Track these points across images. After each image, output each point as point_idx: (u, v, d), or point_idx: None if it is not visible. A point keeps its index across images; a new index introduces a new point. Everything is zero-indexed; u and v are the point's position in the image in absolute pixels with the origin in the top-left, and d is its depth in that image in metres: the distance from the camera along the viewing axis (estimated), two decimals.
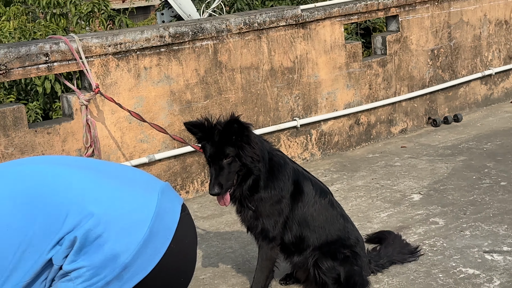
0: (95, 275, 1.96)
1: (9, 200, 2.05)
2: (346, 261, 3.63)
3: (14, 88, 7.60)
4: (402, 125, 6.73)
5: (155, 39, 5.02)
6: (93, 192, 2.12)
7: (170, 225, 2.13)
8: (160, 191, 2.23)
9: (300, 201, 3.65)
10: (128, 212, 2.08)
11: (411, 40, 6.64)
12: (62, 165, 2.32)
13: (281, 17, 5.66)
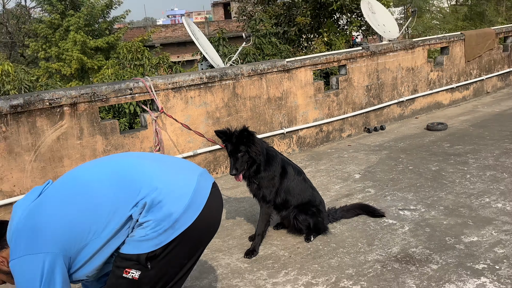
0: (157, 225, 2.03)
1: (107, 180, 2.13)
2: (313, 215, 3.79)
3: (111, 110, 7.74)
4: (348, 132, 6.84)
5: (197, 80, 5.14)
6: (157, 175, 2.16)
7: (203, 196, 2.18)
8: (199, 174, 2.26)
9: (285, 178, 3.77)
10: (179, 188, 2.14)
11: (354, 79, 6.76)
12: (138, 158, 2.38)
13: (274, 66, 5.79)
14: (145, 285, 2.07)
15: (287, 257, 3.50)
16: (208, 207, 2.17)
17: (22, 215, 2.06)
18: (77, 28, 19.10)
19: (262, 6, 14.71)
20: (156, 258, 2.05)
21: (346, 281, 3.12)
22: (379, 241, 3.63)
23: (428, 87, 7.92)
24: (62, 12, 19.79)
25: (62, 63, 18.97)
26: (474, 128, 6.82)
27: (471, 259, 3.26)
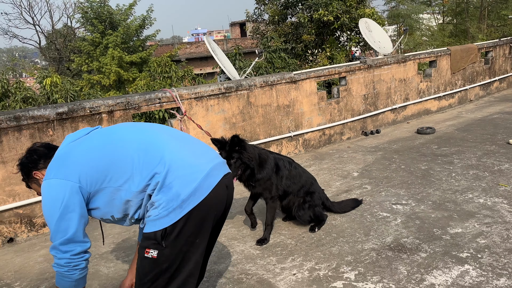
0: (167, 204, 1.93)
1: (137, 144, 2.04)
2: (311, 207, 3.70)
3: (143, 116, 7.77)
4: (348, 135, 6.77)
5: (216, 90, 5.13)
6: (176, 156, 2.03)
7: (211, 183, 2.03)
8: (215, 163, 2.11)
9: (280, 172, 3.64)
10: (190, 172, 1.99)
11: (353, 89, 6.69)
12: (168, 135, 2.15)
13: (283, 78, 5.76)
14: (163, 263, 1.98)
15: (293, 245, 3.46)
16: (214, 193, 2.03)
17: (64, 147, 2.08)
18: (115, 45, 19.27)
19: (273, 26, 14.68)
20: (169, 237, 1.95)
21: (345, 267, 3.07)
22: (374, 232, 3.57)
23: (418, 96, 7.80)
24: (102, 32, 19.99)
25: (102, 75, 19.15)
26: (458, 132, 6.70)
27: (456, 248, 3.19)
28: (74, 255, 1.95)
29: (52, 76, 11.31)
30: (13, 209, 3.92)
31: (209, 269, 3.18)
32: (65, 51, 25.61)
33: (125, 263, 3.38)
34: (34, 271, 3.38)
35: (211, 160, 2.13)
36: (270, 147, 5.76)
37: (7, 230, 3.91)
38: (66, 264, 1.95)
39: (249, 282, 2.98)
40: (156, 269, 1.99)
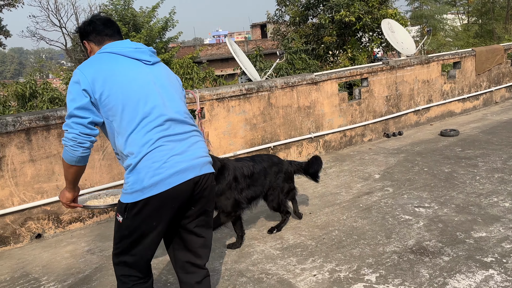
0: (132, 185, 2.02)
1: (147, 115, 2.08)
2: (275, 198, 3.68)
3: None
4: (369, 137, 6.70)
5: (237, 91, 5.16)
6: (159, 143, 2.05)
7: (176, 181, 2.04)
8: (191, 164, 2.09)
9: (238, 181, 3.42)
10: (159, 167, 2.02)
11: (374, 91, 6.62)
12: (168, 119, 2.12)
13: (304, 79, 5.76)
14: (125, 230, 2.10)
15: (314, 246, 3.45)
16: (175, 189, 2.03)
17: (105, 50, 2.18)
18: None
19: (294, 27, 14.66)
20: (130, 212, 2.05)
21: (366, 269, 3.05)
22: (396, 235, 3.53)
23: (442, 97, 7.66)
24: (126, 34, 20.33)
25: None
26: (483, 134, 6.55)
27: (480, 252, 3.12)
28: (82, 133, 2.04)
29: None
30: (41, 206, 4.04)
31: (229, 268, 3.21)
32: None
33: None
34: (61, 266, 3.48)
35: (190, 160, 2.11)
36: (290, 148, 5.76)
37: (35, 226, 4.03)
38: (72, 138, 2.03)
39: (270, 282, 3.00)
40: (120, 232, 2.14)
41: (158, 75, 2.20)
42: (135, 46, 2.21)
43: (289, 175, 3.82)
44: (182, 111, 2.19)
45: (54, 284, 3.20)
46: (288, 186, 3.79)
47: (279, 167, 3.73)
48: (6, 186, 3.83)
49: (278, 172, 3.71)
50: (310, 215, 4.06)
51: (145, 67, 2.18)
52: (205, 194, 2.19)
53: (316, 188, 4.77)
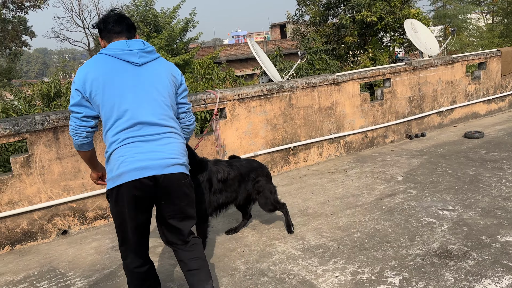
0: (108, 173, 2.35)
1: (122, 95, 2.38)
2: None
3: None
4: (391, 138, 6.63)
5: (259, 92, 5.18)
6: (129, 140, 2.33)
7: (135, 175, 2.26)
8: (151, 163, 2.28)
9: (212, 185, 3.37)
10: (123, 161, 2.28)
11: (397, 91, 6.54)
12: (142, 117, 2.34)
13: (325, 80, 5.73)
14: (113, 215, 2.42)
15: (335, 248, 3.44)
16: (135, 183, 2.25)
17: (103, 55, 2.42)
18: (159, 48, 19.82)
19: (314, 27, 14.59)
20: (111, 197, 2.35)
21: (389, 272, 3.02)
22: (420, 237, 3.48)
23: (466, 99, 7.51)
24: (147, 35, 20.61)
25: None
26: (509, 136, 6.40)
27: (506, 257, 3.06)
28: (77, 125, 2.40)
29: None
30: (67, 203, 4.14)
31: (251, 267, 3.23)
32: None
33: (170, 258, 3.48)
34: (86, 262, 3.56)
35: (154, 159, 2.29)
36: (311, 148, 5.74)
37: (62, 223, 4.13)
38: (72, 129, 2.43)
39: (292, 282, 3.00)
40: (113, 219, 2.45)
41: (142, 78, 2.39)
42: (127, 48, 2.39)
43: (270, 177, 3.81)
44: (158, 113, 2.39)
45: (80, 279, 3.28)
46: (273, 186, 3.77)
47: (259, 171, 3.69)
48: (34, 183, 3.93)
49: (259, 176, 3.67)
50: (332, 216, 4.04)
51: (131, 70, 2.38)
52: (171, 190, 2.36)
53: (337, 189, 4.74)
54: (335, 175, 5.27)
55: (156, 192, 2.33)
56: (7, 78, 26.50)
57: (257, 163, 3.76)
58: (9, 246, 3.89)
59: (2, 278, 3.39)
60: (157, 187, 2.31)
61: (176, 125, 2.48)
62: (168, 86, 2.46)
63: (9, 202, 3.83)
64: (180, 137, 2.48)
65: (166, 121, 2.40)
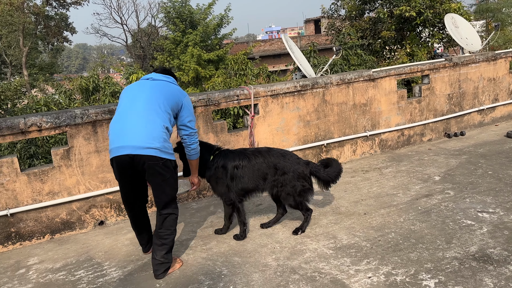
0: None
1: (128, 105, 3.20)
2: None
3: (219, 111, 7.97)
4: (429, 136, 6.42)
5: (292, 88, 5.13)
6: (121, 126, 3.09)
7: (116, 152, 3.03)
8: (127, 144, 2.98)
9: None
10: (112, 140, 3.09)
11: (436, 88, 6.32)
12: (139, 110, 3.09)
13: (361, 76, 5.61)
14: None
15: (369, 248, 3.37)
16: (117, 159, 3.02)
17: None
18: (194, 44, 20.06)
19: (349, 22, 14.31)
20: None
21: (424, 274, 2.93)
22: (457, 240, 3.36)
23: (509, 97, 7.16)
24: (183, 31, 20.90)
25: (182, 72, 20.04)
26: None
27: None
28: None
29: (138, 72, 12.04)
30: (105, 195, 4.26)
31: (282, 264, 3.21)
32: (148, 49, 27.17)
33: (202, 251, 3.52)
34: (121, 253, 3.65)
35: (131, 141, 2.98)
36: (344, 146, 5.65)
37: (99, 214, 4.26)
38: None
39: (323, 281, 2.96)
40: None
41: (150, 87, 3.19)
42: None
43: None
44: (150, 109, 3.07)
45: (115, 269, 3.37)
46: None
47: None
48: (74, 174, 4.07)
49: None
50: (365, 216, 3.96)
51: (146, 82, 3.24)
52: (145, 168, 3.02)
53: (371, 188, 4.65)
54: (369, 173, 5.16)
55: (135, 167, 3.05)
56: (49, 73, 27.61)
57: (291, 158, 3.68)
58: (49, 234, 4.05)
59: (43, 265, 3.54)
60: (133, 163, 3.02)
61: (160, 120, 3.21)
62: (165, 93, 3.24)
63: (49, 193, 3.98)
64: (158, 129, 3.12)
65: (153, 115, 3.16)
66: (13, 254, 3.82)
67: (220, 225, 3.96)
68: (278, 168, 3.59)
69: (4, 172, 3.79)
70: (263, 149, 3.71)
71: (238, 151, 3.67)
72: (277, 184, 3.60)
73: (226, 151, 3.64)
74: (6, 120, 3.74)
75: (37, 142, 8.56)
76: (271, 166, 3.58)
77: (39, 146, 8.54)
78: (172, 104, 3.15)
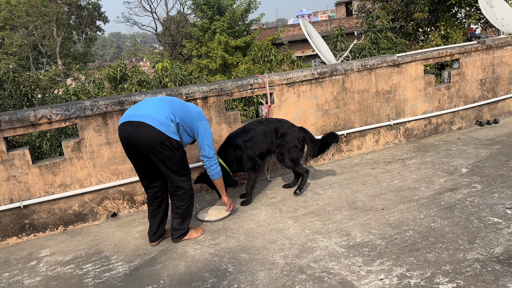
0: None
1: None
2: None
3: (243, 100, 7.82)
4: (459, 125, 6.04)
5: (309, 76, 4.91)
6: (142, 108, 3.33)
7: (126, 124, 3.27)
8: (129, 120, 3.23)
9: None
10: (133, 113, 3.30)
11: (467, 73, 5.91)
12: (147, 107, 3.33)
13: (384, 61, 5.30)
14: None
15: (383, 247, 3.17)
16: (120, 130, 3.27)
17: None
18: (222, 31, 19.92)
19: (380, 3, 13.71)
20: None
21: (441, 278, 2.72)
22: (481, 240, 3.10)
23: None
24: (210, 17, 20.79)
25: (209, 59, 20.01)
26: None
27: None
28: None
29: (163, 61, 12.06)
30: (117, 187, 4.24)
31: (289, 262, 3.08)
32: (177, 37, 27.27)
33: (210, 247, 3.43)
34: (130, 246, 3.62)
35: (130, 117, 3.25)
36: (366, 136, 5.39)
37: (111, 206, 4.25)
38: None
39: (331, 282, 2.81)
40: None
41: (156, 99, 3.48)
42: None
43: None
44: (154, 110, 3.29)
45: (122, 264, 3.34)
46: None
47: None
48: (85, 167, 4.06)
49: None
50: (383, 211, 3.75)
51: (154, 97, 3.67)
52: (144, 146, 3.21)
53: (392, 181, 4.40)
54: (392, 165, 4.90)
55: (135, 143, 3.26)
56: (82, 62, 28.29)
57: (281, 122, 4.27)
58: (62, 226, 4.08)
59: (53, 258, 3.56)
60: (132, 136, 3.23)
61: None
62: (166, 101, 3.52)
63: (61, 185, 4.00)
64: (153, 119, 3.33)
65: (154, 114, 3.38)
66: (27, 245, 3.87)
67: (233, 218, 3.86)
68: (278, 131, 4.16)
69: (16, 164, 3.82)
70: (261, 119, 4.34)
71: (238, 131, 4.19)
72: (279, 145, 4.16)
73: (228, 141, 4.12)
74: (17, 112, 3.75)
75: (67, 130, 8.75)
76: (272, 131, 4.15)
77: (69, 134, 8.73)
78: (181, 115, 3.38)
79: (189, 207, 3.51)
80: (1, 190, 3.81)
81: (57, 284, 3.14)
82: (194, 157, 4.44)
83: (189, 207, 3.50)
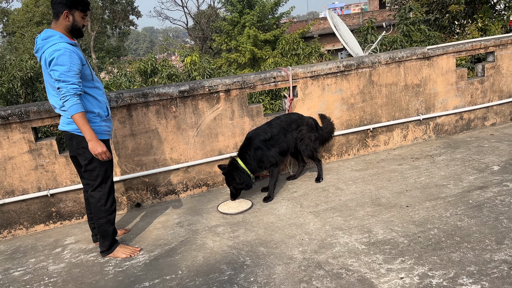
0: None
1: None
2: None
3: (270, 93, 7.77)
4: (493, 121, 5.77)
5: (334, 68, 4.81)
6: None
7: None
8: None
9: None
10: None
11: (502, 67, 5.63)
12: None
13: (414, 54, 5.12)
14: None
15: (406, 245, 3.07)
16: None
17: None
18: (251, 24, 19.89)
19: None
20: None
21: (465, 279, 2.60)
22: (510, 241, 2.95)
23: None
24: (240, 11, 20.79)
25: (238, 53, 20.03)
26: None
27: None
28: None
29: (192, 55, 12.17)
30: (140, 178, 4.32)
31: (308, 258, 3.03)
32: (208, 31, 27.46)
33: (229, 239, 3.44)
34: (151, 236, 3.68)
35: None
36: (393, 131, 5.24)
37: (135, 196, 4.33)
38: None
39: (349, 279, 2.75)
40: None
41: None
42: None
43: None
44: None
45: (143, 254, 3.39)
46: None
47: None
48: None
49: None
50: (407, 209, 3.63)
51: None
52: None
53: (418, 178, 4.26)
54: (419, 161, 4.75)
55: None
56: (116, 56, 28.97)
57: (296, 115, 4.41)
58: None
59: (77, 246, 3.66)
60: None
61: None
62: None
63: None
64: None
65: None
66: (54, 232, 4.00)
67: (253, 211, 3.85)
68: (297, 126, 4.30)
69: (44, 154, 3.94)
70: (280, 116, 4.39)
71: (256, 133, 4.18)
72: (297, 138, 4.29)
73: (247, 144, 4.12)
74: (45, 103, 3.86)
75: None
76: (288, 124, 4.24)
77: None
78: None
79: (102, 215, 3.32)
80: (29, 179, 3.94)
81: (80, 271, 3.23)
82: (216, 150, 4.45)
83: (102, 217, 3.32)
